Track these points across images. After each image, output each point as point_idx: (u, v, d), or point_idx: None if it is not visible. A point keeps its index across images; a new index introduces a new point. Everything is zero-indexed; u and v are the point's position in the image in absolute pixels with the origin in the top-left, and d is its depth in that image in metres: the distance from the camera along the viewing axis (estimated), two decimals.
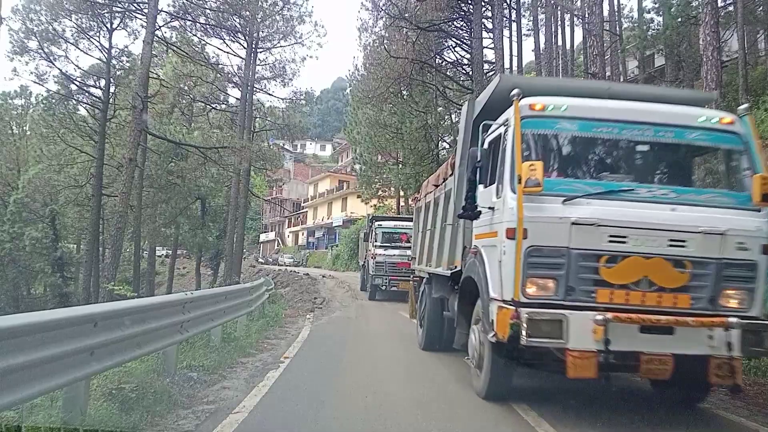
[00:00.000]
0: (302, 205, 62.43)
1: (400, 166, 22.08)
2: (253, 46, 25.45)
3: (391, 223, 18.79)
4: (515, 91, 4.51)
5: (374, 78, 26.26)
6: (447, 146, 23.98)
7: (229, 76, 26.45)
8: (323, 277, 28.73)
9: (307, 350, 8.11)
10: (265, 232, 71.26)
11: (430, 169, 22.99)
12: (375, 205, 35.42)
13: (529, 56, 42.62)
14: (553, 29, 28.09)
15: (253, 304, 9.98)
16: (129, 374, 4.61)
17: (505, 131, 4.71)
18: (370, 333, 10.86)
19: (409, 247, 11.62)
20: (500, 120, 4.90)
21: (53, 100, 24.14)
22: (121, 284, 27.09)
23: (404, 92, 25.67)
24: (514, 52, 32.94)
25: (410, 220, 13.96)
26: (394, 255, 16.40)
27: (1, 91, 33.59)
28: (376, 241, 17.40)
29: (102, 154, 23.85)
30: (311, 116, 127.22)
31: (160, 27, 19.63)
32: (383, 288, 17.02)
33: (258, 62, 26.33)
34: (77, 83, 23.59)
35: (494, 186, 4.78)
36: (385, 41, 23.96)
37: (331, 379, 6.20)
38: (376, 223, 18.37)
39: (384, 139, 27.55)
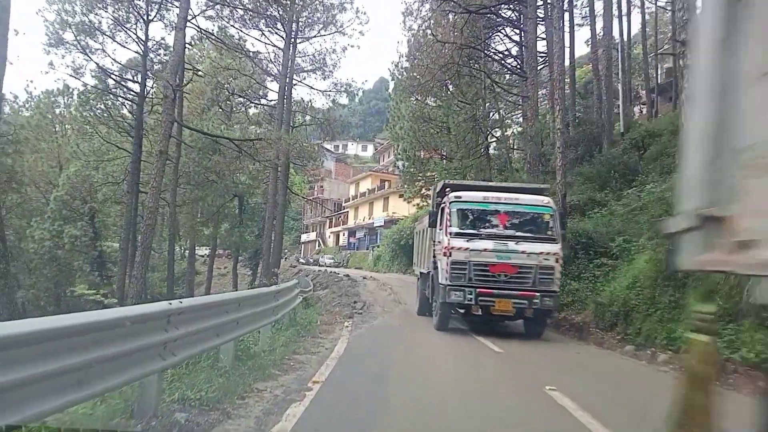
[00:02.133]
0: (343, 205, 61.43)
1: (446, 161, 20.34)
2: (292, 36, 24.35)
3: (481, 195, 10.95)
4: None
5: (419, 67, 24.76)
6: (496, 141, 21.97)
7: (268, 68, 25.47)
8: (364, 278, 27.28)
9: (344, 371, 6.53)
10: (306, 232, 70.82)
11: (479, 164, 21.12)
12: (418, 205, 33.68)
13: (581, 48, 40.06)
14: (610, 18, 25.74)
15: (280, 312, 8.49)
16: (77, 422, 3.14)
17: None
18: (418, 345, 9.24)
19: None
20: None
21: (90, 95, 23.76)
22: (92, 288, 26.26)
23: (450, 85, 23.98)
24: (566, 43, 30.87)
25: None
26: (489, 252, 10.02)
27: (45, 89, 34.07)
28: (452, 226, 10.42)
29: (139, 150, 23.32)
30: (353, 116, 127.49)
31: (195, 16, 18.75)
32: (467, 309, 10.38)
33: (297, 54, 25.29)
34: (114, 77, 23.18)
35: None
36: (431, 26, 22.27)
37: (374, 414, 4.61)
38: (453, 195, 10.83)
39: (428, 134, 25.86)
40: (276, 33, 24.40)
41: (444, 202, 10.97)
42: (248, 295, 7.48)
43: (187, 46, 18.99)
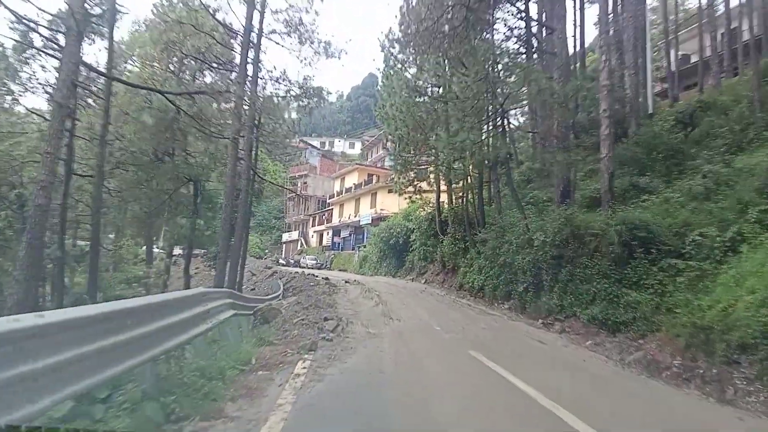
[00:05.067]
0: (328, 201, 56.85)
1: (449, 135, 16.05)
2: None
3: None
4: None
5: (414, 34, 20.59)
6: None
7: (231, 26, 20.92)
8: (346, 283, 22.91)
9: None
10: (288, 231, 66.10)
11: (493, 140, 16.84)
12: (410, 197, 29.43)
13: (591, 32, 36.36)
14: None
15: (158, 346, 4.06)
16: None
17: None
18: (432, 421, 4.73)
19: None
20: None
21: (9, 53, 19.06)
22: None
23: (449, 55, 19.76)
24: (576, 21, 27.02)
25: None
26: None
27: None
28: None
29: (72, 125, 18.76)
30: (340, 113, 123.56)
31: None
32: None
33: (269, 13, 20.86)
34: (40, 32, 18.50)
35: None
36: None
37: None
38: None
39: (424, 110, 21.59)
40: None
41: None
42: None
43: None
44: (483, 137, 16.21)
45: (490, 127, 16.87)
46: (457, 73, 16.98)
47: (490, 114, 16.12)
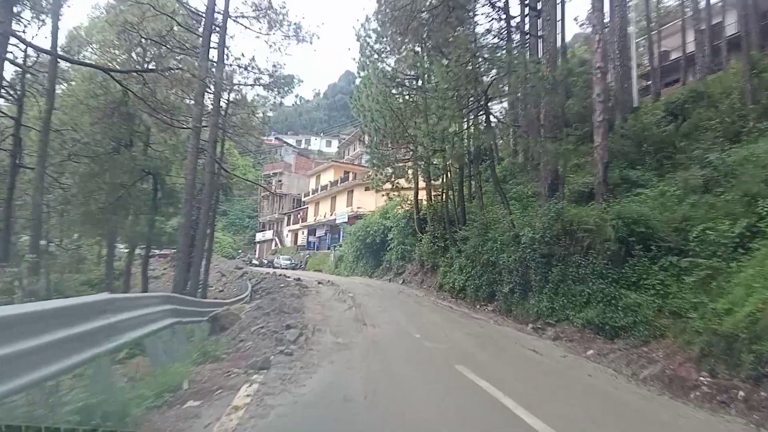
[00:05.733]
0: (303, 200, 55.19)
1: (432, 121, 14.77)
2: None
3: None
4: None
5: (391, 21, 19.47)
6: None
7: (193, 11, 19.35)
8: (319, 284, 21.54)
9: None
10: (262, 230, 64.18)
11: (475, 128, 15.68)
12: (388, 195, 28.20)
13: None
14: None
15: None
16: None
17: None
18: None
19: None
20: None
21: None
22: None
23: (428, 45, 18.61)
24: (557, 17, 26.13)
25: None
26: None
27: None
28: None
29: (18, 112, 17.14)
30: (317, 111, 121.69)
31: None
32: None
33: None
34: None
35: None
36: None
37: None
38: None
39: (402, 99, 20.43)
40: None
41: None
42: None
43: None
44: (465, 127, 15.05)
45: (472, 117, 15.71)
46: (437, 61, 15.82)
47: (471, 102, 14.95)
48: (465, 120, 14.51)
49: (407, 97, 20.73)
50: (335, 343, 7.85)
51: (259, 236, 63.47)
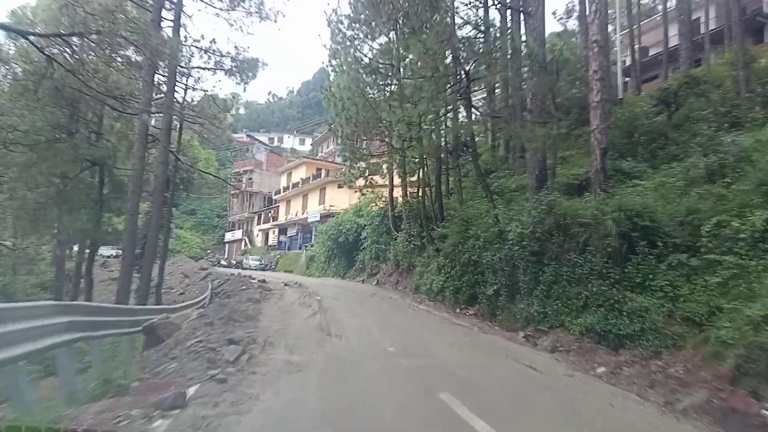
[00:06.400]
0: (274, 197, 53.12)
1: (408, 105, 13.27)
2: None
3: None
4: None
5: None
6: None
7: None
8: (286, 286, 19.89)
9: None
10: (231, 230, 61.78)
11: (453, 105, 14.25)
12: (361, 191, 26.70)
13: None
14: None
15: None
16: None
17: None
18: None
19: None
20: None
21: None
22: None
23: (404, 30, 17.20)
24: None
25: None
26: None
27: None
28: None
29: None
30: (290, 108, 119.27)
31: None
32: None
33: None
34: None
35: None
36: None
37: None
38: None
39: (375, 87, 18.96)
40: None
41: None
42: None
43: None
44: (444, 111, 13.64)
45: (451, 105, 14.27)
46: (413, 38, 14.33)
47: (451, 86, 13.53)
48: (444, 104, 13.07)
49: (381, 84, 19.20)
50: (287, 362, 6.25)
51: (228, 236, 61.07)
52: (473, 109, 16.05)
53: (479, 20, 15.03)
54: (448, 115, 14.32)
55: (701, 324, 7.74)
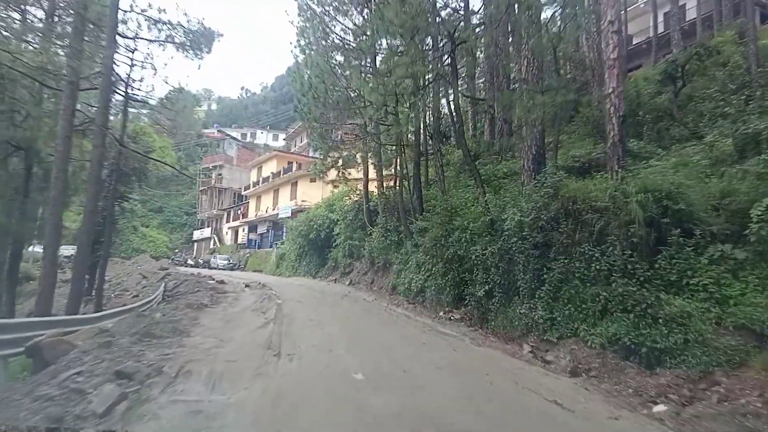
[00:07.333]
0: (244, 193, 50.46)
1: (381, 79, 11.19)
2: None
3: None
4: None
5: None
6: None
7: None
8: (246, 287, 17.71)
9: None
10: (200, 228, 58.78)
11: (439, 72, 12.24)
12: (334, 184, 24.59)
13: None
14: None
15: None
16: None
17: None
18: None
19: None
20: None
21: None
22: None
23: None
24: None
25: None
26: None
27: None
28: None
29: None
30: (263, 104, 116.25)
31: None
32: None
33: None
34: None
35: None
36: None
37: None
38: None
39: (345, 59, 16.92)
40: None
41: None
42: None
43: None
44: (424, 82, 11.61)
45: (432, 77, 12.27)
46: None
47: (433, 52, 11.56)
48: (425, 72, 11.08)
49: (354, 61, 17.11)
50: (192, 412, 4.08)
51: (197, 234, 58.07)
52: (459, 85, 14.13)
53: None
54: (429, 86, 12.27)
55: (763, 334, 5.99)
